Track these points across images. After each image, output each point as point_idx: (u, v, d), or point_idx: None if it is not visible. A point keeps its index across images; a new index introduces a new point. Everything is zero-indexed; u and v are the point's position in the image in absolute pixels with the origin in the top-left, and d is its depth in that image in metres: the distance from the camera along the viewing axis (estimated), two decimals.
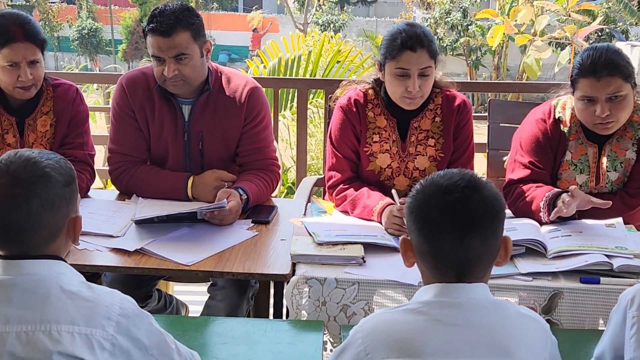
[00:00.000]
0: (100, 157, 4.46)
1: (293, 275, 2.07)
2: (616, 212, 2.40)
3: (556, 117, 2.54)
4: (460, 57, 16.60)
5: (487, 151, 3.24)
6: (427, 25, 15.43)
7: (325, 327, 2.00)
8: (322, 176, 3.03)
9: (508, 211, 2.41)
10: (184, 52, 2.49)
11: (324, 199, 2.84)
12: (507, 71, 15.93)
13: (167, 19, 2.47)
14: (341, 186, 2.60)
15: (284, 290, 2.08)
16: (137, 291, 2.40)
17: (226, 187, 2.53)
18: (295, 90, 4.41)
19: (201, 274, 2.15)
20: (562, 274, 2.08)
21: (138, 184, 2.63)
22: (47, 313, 1.35)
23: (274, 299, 2.27)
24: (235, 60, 22.42)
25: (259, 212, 2.51)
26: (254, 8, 24.76)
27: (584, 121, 2.46)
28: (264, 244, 2.27)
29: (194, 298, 3.14)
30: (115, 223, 2.35)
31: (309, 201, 2.79)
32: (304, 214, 2.57)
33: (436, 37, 14.99)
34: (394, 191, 2.45)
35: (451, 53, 16.47)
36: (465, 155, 2.66)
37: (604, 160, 2.50)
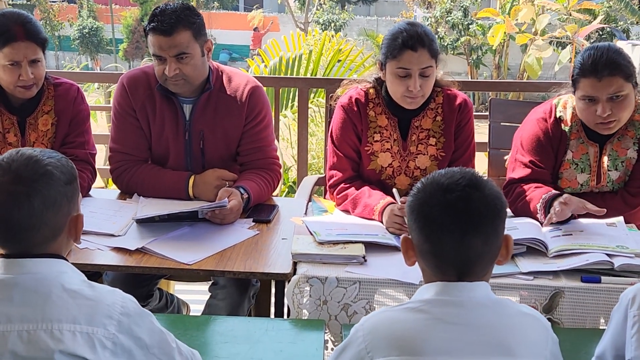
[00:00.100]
0: (101, 156, 4.45)
1: (294, 274, 2.07)
2: (617, 211, 2.40)
3: (557, 116, 2.54)
4: (461, 56, 16.60)
5: (488, 150, 3.23)
6: (427, 24, 15.44)
7: (326, 326, 2.00)
8: (323, 175, 3.03)
9: (509, 210, 2.41)
10: (185, 51, 2.49)
11: (325, 198, 2.84)
12: (508, 70, 15.91)
13: (168, 18, 2.47)
14: (342, 185, 2.60)
15: (285, 289, 2.08)
16: (138, 290, 2.40)
17: (227, 186, 2.53)
18: (296, 90, 4.40)
19: (202, 273, 2.15)
20: (563, 273, 2.08)
21: (139, 183, 2.64)
22: (49, 312, 1.35)
23: (275, 298, 2.27)
24: (236, 60, 22.39)
25: (260, 211, 2.51)
26: (254, 7, 24.72)
27: (585, 121, 2.45)
28: (265, 243, 2.27)
29: (195, 297, 3.14)
30: (116, 222, 2.36)
31: (310, 200, 2.79)
32: (305, 213, 2.57)
33: (437, 36, 14.95)
34: (395, 190, 2.45)
35: (452, 52, 16.47)
36: (466, 154, 2.66)
37: (605, 160, 2.50)
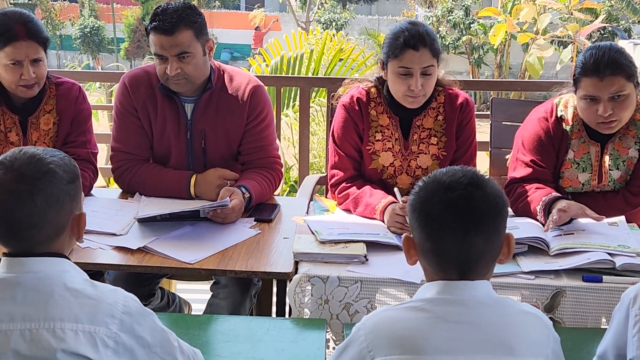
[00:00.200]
0: (102, 155, 4.45)
1: (296, 274, 2.07)
2: (619, 210, 2.40)
3: (558, 115, 2.54)
4: (462, 56, 16.60)
5: (489, 149, 3.23)
6: (429, 24, 15.40)
7: (327, 325, 2.00)
8: (324, 174, 3.03)
9: (510, 210, 2.41)
10: (186, 50, 2.49)
11: (326, 197, 2.84)
12: (510, 69, 15.91)
13: (170, 17, 2.47)
14: (344, 184, 2.60)
15: (287, 289, 2.09)
16: (140, 289, 2.40)
17: (229, 185, 2.53)
18: (298, 89, 4.40)
19: (204, 272, 2.15)
20: (564, 272, 2.08)
21: (141, 182, 2.64)
22: (51, 311, 1.35)
23: (276, 297, 2.27)
24: (238, 59, 22.40)
25: (262, 211, 2.51)
26: (256, 6, 24.70)
27: (586, 120, 2.45)
28: (267, 242, 2.27)
29: (196, 296, 3.14)
30: (118, 221, 2.36)
31: (311, 199, 2.79)
32: (307, 212, 2.57)
33: (438, 35, 14.98)
34: (396, 189, 2.45)
35: (453, 51, 16.47)
36: (467, 153, 2.66)
37: (606, 159, 2.50)
